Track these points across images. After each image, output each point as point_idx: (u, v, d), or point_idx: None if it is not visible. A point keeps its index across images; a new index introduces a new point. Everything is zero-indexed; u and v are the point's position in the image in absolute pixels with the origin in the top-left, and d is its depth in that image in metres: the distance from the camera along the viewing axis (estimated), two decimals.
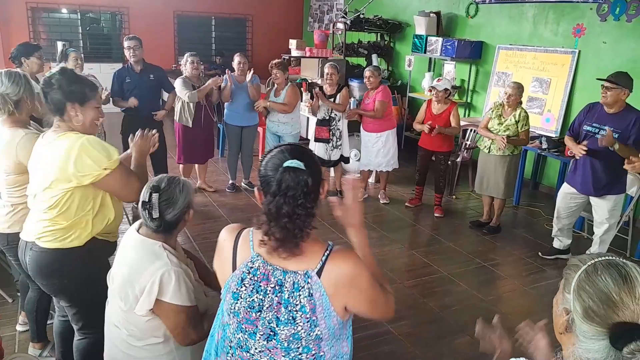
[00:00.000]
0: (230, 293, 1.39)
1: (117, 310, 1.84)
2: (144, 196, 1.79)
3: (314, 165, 1.35)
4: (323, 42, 8.25)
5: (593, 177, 3.96)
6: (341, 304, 1.35)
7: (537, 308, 3.75)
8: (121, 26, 10.35)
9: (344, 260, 1.36)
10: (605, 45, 5.54)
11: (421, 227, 5.15)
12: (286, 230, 1.30)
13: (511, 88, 4.62)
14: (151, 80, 4.92)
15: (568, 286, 1.12)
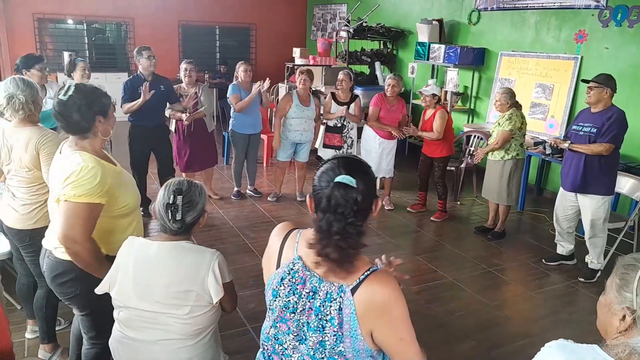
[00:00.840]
0: (271, 290, 1.41)
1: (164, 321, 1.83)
2: (168, 199, 1.82)
3: (366, 181, 1.30)
4: (326, 50, 8.31)
5: (576, 173, 4.02)
6: (368, 328, 1.30)
7: (542, 313, 3.75)
8: (126, 36, 10.45)
9: (382, 284, 1.30)
10: (608, 50, 5.56)
11: (425, 233, 5.16)
12: (340, 249, 1.27)
13: (498, 93, 4.70)
14: (162, 91, 4.92)
15: (628, 286, 1.12)
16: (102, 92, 2.12)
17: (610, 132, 3.81)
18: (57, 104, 2.01)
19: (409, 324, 1.34)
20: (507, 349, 3.26)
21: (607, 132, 3.81)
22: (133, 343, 1.91)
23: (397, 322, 1.31)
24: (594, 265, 4.20)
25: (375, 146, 5.57)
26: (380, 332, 1.31)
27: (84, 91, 2.03)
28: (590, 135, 3.91)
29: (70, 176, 1.96)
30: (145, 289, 1.84)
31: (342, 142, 5.58)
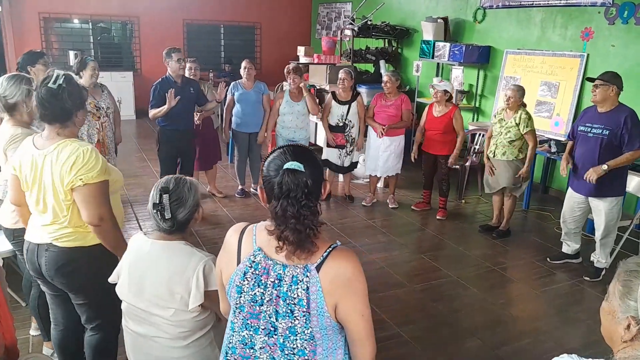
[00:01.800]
0: (235, 287, 1.42)
1: (154, 320, 1.86)
2: (155, 198, 1.82)
3: (313, 166, 1.37)
4: (331, 48, 8.30)
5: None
6: (333, 303, 1.35)
7: (547, 311, 3.74)
8: (132, 35, 10.49)
9: (345, 259, 1.37)
10: (614, 48, 5.53)
11: (430, 231, 5.15)
12: (297, 232, 1.32)
13: (511, 90, 4.64)
14: (191, 94, 4.84)
15: (632, 293, 1.07)
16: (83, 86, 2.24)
17: (634, 138, 3.73)
18: (45, 91, 2.04)
19: (367, 301, 1.41)
20: (513, 347, 3.25)
21: (631, 139, 3.73)
22: (134, 335, 1.94)
23: (358, 297, 1.38)
24: (600, 264, 4.18)
25: (377, 144, 5.56)
26: (343, 307, 1.36)
27: (72, 82, 2.11)
28: (602, 137, 3.83)
29: (76, 162, 2.02)
30: (137, 286, 1.86)
31: (344, 142, 5.57)
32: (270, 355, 1.40)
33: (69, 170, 2.02)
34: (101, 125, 4.39)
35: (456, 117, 5.11)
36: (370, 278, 4.28)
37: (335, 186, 6.32)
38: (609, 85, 3.78)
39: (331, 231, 5.01)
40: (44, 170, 2.08)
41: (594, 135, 3.89)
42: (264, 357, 1.41)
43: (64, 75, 2.09)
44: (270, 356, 1.40)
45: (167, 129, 4.86)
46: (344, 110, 5.50)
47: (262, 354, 1.41)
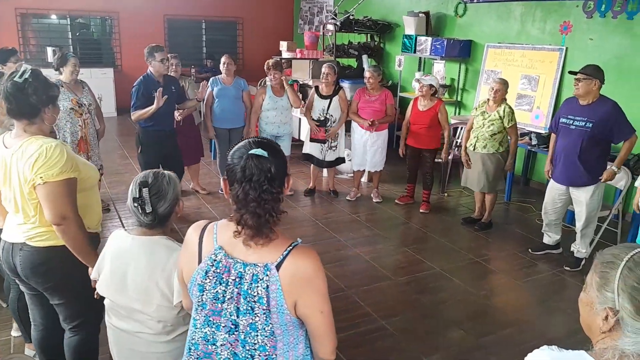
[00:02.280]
0: (197, 285, 1.42)
1: (137, 316, 1.85)
2: (134, 193, 1.81)
3: (278, 156, 1.39)
4: (313, 43, 8.29)
5: (569, 168, 4.04)
6: (292, 300, 1.36)
7: (529, 301, 3.80)
8: (111, 31, 10.35)
9: (305, 258, 1.38)
10: (592, 42, 5.62)
11: (414, 225, 5.19)
12: (257, 216, 1.34)
13: (497, 83, 4.68)
14: (173, 93, 4.59)
15: (608, 285, 1.07)
16: (52, 82, 2.19)
17: (624, 127, 3.83)
18: (10, 85, 2.01)
19: (328, 298, 1.43)
20: (496, 336, 3.29)
21: (621, 129, 3.83)
22: (117, 331, 1.93)
23: (318, 294, 1.40)
24: (580, 254, 4.26)
25: (359, 138, 5.58)
26: (303, 304, 1.38)
27: (39, 77, 2.07)
28: (585, 130, 3.88)
29: (38, 159, 1.97)
30: (119, 282, 1.85)
31: (324, 136, 5.58)
32: (231, 351, 1.41)
33: (31, 167, 1.97)
34: (83, 122, 4.34)
35: (441, 111, 5.15)
36: (355, 272, 4.32)
37: (320, 181, 6.33)
38: (591, 79, 3.82)
39: (316, 226, 5.03)
40: (12, 169, 2.05)
41: (576, 127, 3.95)
42: (225, 353, 1.42)
43: (31, 70, 2.06)
44: (231, 352, 1.41)
45: (150, 130, 4.56)
46: (325, 104, 5.51)
47: (223, 351, 1.42)
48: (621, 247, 1.12)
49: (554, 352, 1.13)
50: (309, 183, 5.99)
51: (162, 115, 4.51)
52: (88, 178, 2.19)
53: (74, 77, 4.28)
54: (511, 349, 3.12)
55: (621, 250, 1.10)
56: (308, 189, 5.95)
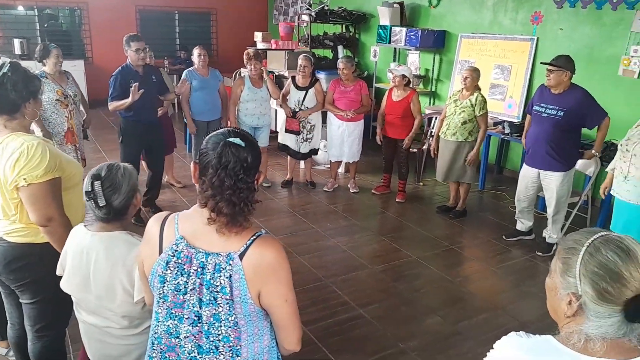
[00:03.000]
0: (158, 277, 1.40)
1: (103, 312, 1.82)
2: (87, 186, 1.76)
3: (254, 148, 1.39)
4: (288, 34, 8.24)
5: (541, 153, 4.14)
6: (256, 290, 1.36)
7: (504, 287, 3.88)
8: (81, 22, 10.10)
9: (269, 247, 1.37)
10: (562, 32, 5.72)
11: (390, 214, 5.24)
12: (232, 204, 1.33)
13: (467, 71, 4.75)
14: (154, 83, 4.56)
15: (570, 270, 1.09)
16: (34, 74, 2.12)
17: (596, 112, 3.94)
18: None
19: (292, 287, 1.43)
20: (472, 322, 3.36)
21: (594, 114, 3.93)
22: (87, 325, 1.91)
23: (282, 283, 1.39)
24: (551, 239, 4.36)
25: (336, 129, 5.59)
26: (267, 293, 1.37)
27: (19, 70, 2.00)
28: (556, 118, 3.98)
29: (20, 159, 1.91)
30: (81, 279, 1.82)
31: (299, 128, 5.57)
32: (195, 344, 1.40)
33: (12, 168, 1.91)
34: (70, 113, 4.24)
35: (414, 101, 5.18)
36: (333, 262, 4.34)
37: (297, 172, 6.32)
38: (562, 71, 3.92)
39: (294, 217, 5.03)
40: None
41: (548, 115, 4.04)
42: (189, 346, 1.40)
43: (10, 63, 1.98)
44: (195, 344, 1.40)
45: (130, 120, 4.53)
46: (301, 96, 5.50)
47: (187, 343, 1.40)
48: (583, 233, 1.13)
49: (522, 338, 1.14)
50: (286, 174, 5.98)
51: (143, 106, 4.44)
52: (72, 175, 2.13)
53: (58, 68, 4.20)
54: (487, 333, 3.19)
55: (582, 236, 1.11)
56: (285, 181, 5.94)
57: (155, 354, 1.47)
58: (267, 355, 1.47)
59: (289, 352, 1.51)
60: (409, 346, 3.07)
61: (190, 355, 1.41)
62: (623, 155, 3.44)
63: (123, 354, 1.87)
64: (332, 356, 2.95)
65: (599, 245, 1.07)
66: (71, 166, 2.13)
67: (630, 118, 4.09)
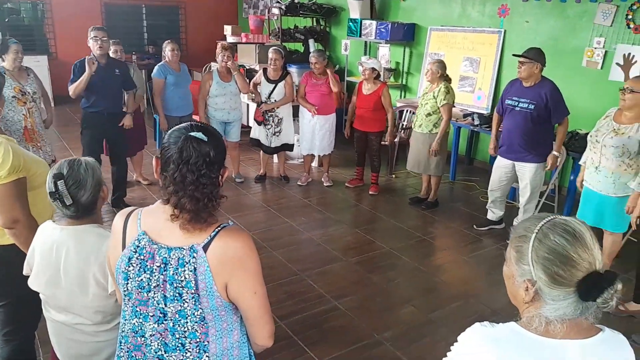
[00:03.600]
0: (121, 274, 1.37)
1: (74, 308, 1.79)
2: (50, 187, 1.72)
3: (217, 142, 1.35)
4: (259, 27, 8.18)
5: (515, 146, 4.23)
6: (222, 282, 1.32)
7: (476, 275, 3.96)
8: (44, 16, 9.81)
9: (234, 238, 1.34)
10: (528, 24, 5.83)
11: (364, 207, 5.27)
12: (195, 200, 1.30)
13: (430, 64, 4.83)
14: (117, 76, 4.56)
15: (523, 258, 1.12)
16: None
17: (560, 109, 4.03)
18: None
19: (261, 279, 1.39)
20: (445, 310, 3.42)
21: (557, 110, 4.02)
22: (57, 324, 1.86)
23: (250, 274, 1.36)
24: None
25: (307, 123, 5.59)
26: (234, 285, 1.34)
27: None
28: (528, 111, 4.07)
29: None
30: (52, 275, 1.78)
31: (262, 118, 5.53)
32: (162, 342, 1.37)
33: None
34: (28, 111, 4.10)
35: (384, 94, 5.21)
36: (308, 255, 4.35)
37: (271, 167, 6.30)
38: (533, 63, 4.00)
39: (268, 212, 5.01)
40: None
41: (520, 109, 4.12)
42: (155, 344, 1.38)
43: None
44: (162, 342, 1.37)
45: (90, 111, 4.54)
46: (270, 89, 5.47)
47: (153, 342, 1.38)
48: (532, 219, 1.16)
49: (486, 328, 1.16)
50: (260, 169, 5.95)
51: (102, 97, 4.47)
52: (38, 174, 2.06)
53: (17, 64, 4.07)
54: (460, 321, 3.25)
55: (532, 223, 1.14)
56: (259, 176, 5.91)
57: (122, 353, 1.45)
58: (237, 351, 1.44)
59: (261, 348, 1.48)
60: (384, 336, 3.11)
61: (157, 353, 1.39)
62: (593, 146, 3.53)
63: (94, 353, 1.83)
64: (308, 349, 2.96)
65: (546, 231, 1.11)
66: (36, 165, 2.07)
67: (594, 108, 4.22)
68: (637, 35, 4.87)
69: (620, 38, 5.01)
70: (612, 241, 3.60)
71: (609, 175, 3.42)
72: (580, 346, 1.09)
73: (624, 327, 3.22)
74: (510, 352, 1.10)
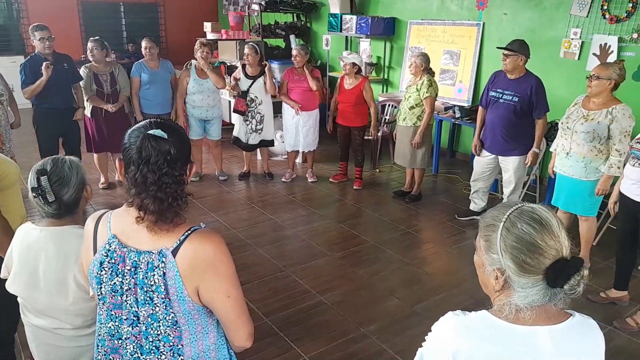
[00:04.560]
0: (94, 278, 1.35)
1: (53, 311, 1.76)
2: (32, 182, 1.69)
3: (178, 137, 1.31)
4: (239, 24, 8.12)
5: (498, 138, 4.28)
6: (193, 286, 1.30)
7: (459, 266, 3.99)
8: (19, 16, 9.62)
9: (204, 241, 1.31)
10: (506, 16, 5.88)
11: (348, 201, 5.29)
12: (159, 200, 1.26)
13: (413, 57, 4.85)
14: (66, 70, 4.68)
15: (492, 247, 1.13)
16: None
17: (542, 105, 4.07)
18: None
19: (235, 281, 1.36)
20: (429, 302, 3.45)
21: (539, 106, 4.06)
22: (35, 328, 1.83)
23: (222, 278, 1.33)
24: None
25: (290, 119, 5.58)
26: (206, 289, 1.31)
27: None
28: (512, 104, 4.11)
29: None
30: (30, 277, 1.75)
31: (245, 108, 5.47)
32: (137, 344, 1.37)
33: None
34: None
35: (366, 89, 5.22)
36: (292, 251, 4.35)
37: (254, 164, 6.28)
38: (518, 55, 4.03)
39: (252, 209, 5.00)
40: None
41: (504, 101, 4.16)
42: (130, 347, 1.37)
43: None
44: (137, 345, 1.37)
45: (42, 107, 4.67)
46: (248, 84, 5.44)
47: (128, 345, 1.37)
48: (499, 208, 1.17)
49: (459, 316, 1.18)
50: (243, 167, 5.93)
51: (53, 92, 4.59)
52: (8, 175, 2.04)
53: None
54: (444, 312, 3.23)
55: (499, 211, 1.15)
56: (242, 173, 5.89)
57: (100, 356, 1.44)
58: (214, 353, 1.43)
59: (240, 349, 1.47)
60: (369, 330, 3.13)
61: (133, 356, 1.38)
62: (564, 132, 3.59)
63: (74, 358, 1.81)
64: (294, 344, 2.97)
65: (514, 219, 1.12)
66: (5, 165, 2.04)
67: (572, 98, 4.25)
68: (613, 25, 4.94)
69: (596, 28, 5.08)
70: (587, 227, 3.69)
71: (580, 160, 3.49)
72: (550, 331, 1.11)
73: (605, 314, 3.29)
74: (482, 340, 1.12)
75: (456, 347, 1.13)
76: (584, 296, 3.48)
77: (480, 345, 1.12)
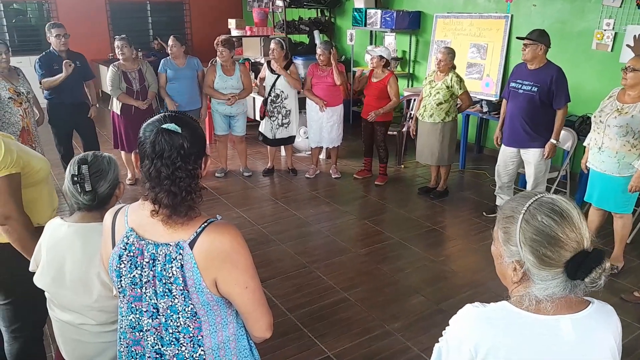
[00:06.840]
0: (114, 271, 1.37)
1: (78, 307, 1.78)
2: (73, 170, 1.73)
3: (192, 131, 1.31)
4: (263, 20, 8.14)
5: (518, 130, 4.17)
6: (211, 278, 1.31)
7: (485, 264, 3.90)
8: (49, 16, 9.84)
9: (221, 233, 1.32)
10: (535, 8, 5.73)
11: (372, 198, 5.24)
12: (172, 194, 1.27)
13: (441, 53, 4.75)
14: (77, 67, 4.80)
15: (511, 239, 1.11)
16: None
17: (562, 95, 3.96)
18: None
19: (253, 272, 1.37)
20: (454, 300, 3.39)
21: (559, 95, 3.95)
22: (61, 323, 1.85)
23: (239, 269, 1.33)
24: None
25: (315, 115, 5.56)
26: (223, 281, 1.32)
27: None
28: (531, 94, 4.01)
29: None
30: (57, 273, 1.77)
31: (262, 113, 5.52)
32: (158, 336, 1.38)
33: None
34: (24, 111, 4.12)
35: (390, 84, 5.16)
36: (316, 247, 4.34)
37: (278, 160, 6.29)
38: (537, 44, 3.93)
39: (276, 205, 5.01)
40: None
41: (523, 91, 4.07)
42: (151, 339, 1.39)
43: None
44: (157, 336, 1.38)
45: (53, 102, 4.86)
46: (273, 79, 5.45)
47: (149, 336, 1.39)
48: (519, 199, 1.14)
49: (478, 308, 1.16)
50: (267, 163, 5.94)
51: (65, 88, 4.73)
52: (38, 171, 2.06)
53: (5, 65, 4.08)
54: None
55: (518, 203, 1.13)
56: (267, 169, 5.90)
57: (122, 348, 1.45)
58: (234, 344, 1.44)
59: (259, 340, 1.47)
60: (394, 327, 3.09)
61: (154, 348, 1.39)
62: (597, 126, 3.48)
63: (98, 353, 1.83)
64: (318, 340, 2.96)
65: (534, 211, 1.09)
66: (37, 161, 2.07)
67: (605, 91, 4.11)
68: None
69: (630, 19, 4.90)
70: (622, 224, 3.56)
71: (613, 155, 3.37)
72: (572, 320, 1.09)
73: (638, 314, 3.18)
74: (504, 331, 1.10)
75: (478, 339, 1.11)
76: (617, 295, 3.37)
77: (502, 336, 1.10)
